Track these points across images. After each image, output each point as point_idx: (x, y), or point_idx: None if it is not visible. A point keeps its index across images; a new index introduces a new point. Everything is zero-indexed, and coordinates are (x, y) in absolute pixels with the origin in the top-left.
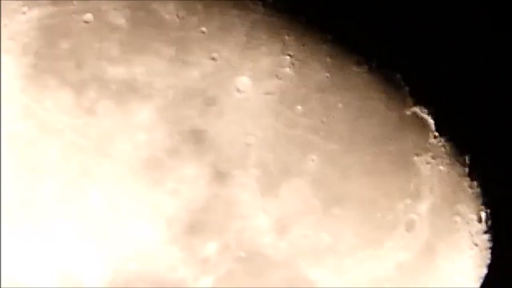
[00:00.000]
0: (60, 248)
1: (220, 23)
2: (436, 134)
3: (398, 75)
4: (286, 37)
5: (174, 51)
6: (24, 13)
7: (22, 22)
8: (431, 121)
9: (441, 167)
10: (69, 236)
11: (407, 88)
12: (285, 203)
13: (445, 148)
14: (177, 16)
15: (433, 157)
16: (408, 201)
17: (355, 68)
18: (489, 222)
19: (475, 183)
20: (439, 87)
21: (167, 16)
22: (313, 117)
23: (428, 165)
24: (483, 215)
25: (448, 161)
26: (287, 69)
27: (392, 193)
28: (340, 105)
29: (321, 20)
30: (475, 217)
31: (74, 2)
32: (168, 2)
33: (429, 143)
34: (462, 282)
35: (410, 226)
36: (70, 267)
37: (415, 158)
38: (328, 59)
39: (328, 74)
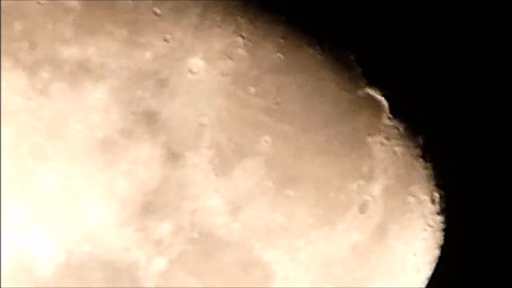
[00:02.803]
0: (12, 229)
1: (173, 4)
2: (390, 115)
3: (351, 56)
4: (239, 18)
5: (127, 32)
6: None
7: None
8: (384, 102)
9: (395, 148)
10: (22, 217)
11: (360, 69)
12: (238, 184)
13: (398, 129)
14: None
15: (387, 138)
16: (361, 182)
17: (308, 49)
18: (443, 204)
19: (428, 164)
20: (392, 69)
21: None
22: (266, 98)
23: (382, 146)
24: (436, 196)
25: (401, 142)
26: (240, 50)
27: (345, 174)
28: (293, 86)
29: (274, 1)
30: (428, 198)
31: None
32: None
33: (383, 124)
34: (415, 263)
35: (363, 207)
36: (23, 248)
37: (369, 139)
38: (281, 40)
39: (281, 55)
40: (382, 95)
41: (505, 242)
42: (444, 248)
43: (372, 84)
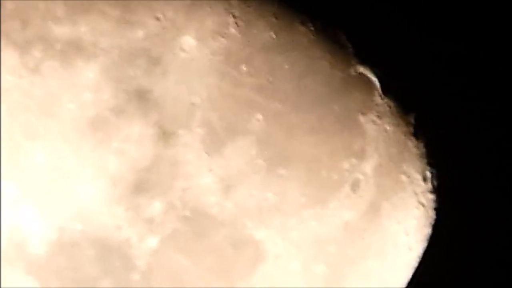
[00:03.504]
0: (4, 207)
1: None
2: (381, 93)
3: (343, 35)
4: None
5: (119, 11)
6: None
7: None
8: (376, 81)
9: (387, 127)
10: (14, 195)
11: (351, 48)
12: (230, 163)
13: (390, 108)
14: None
15: (379, 117)
16: (353, 160)
17: (300, 28)
18: (435, 182)
19: (420, 142)
20: (384, 47)
21: None
22: (258, 76)
23: (373, 125)
24: (428, 174)
25: (393, 120)
26: (232, 29)
27: (337, 152)
28: (285, 64)
29: None
30: (420, 176)
31: None
32: None
33: (375, 103)
34: (407, 241)
35: (355, 186)
36: (14, 226)
37: (360, 117)
38: (273, 19)
39: (273, 34)
40: (374, 74)
41: (497, 220)
42: (435, 227)
43: (364, 62)
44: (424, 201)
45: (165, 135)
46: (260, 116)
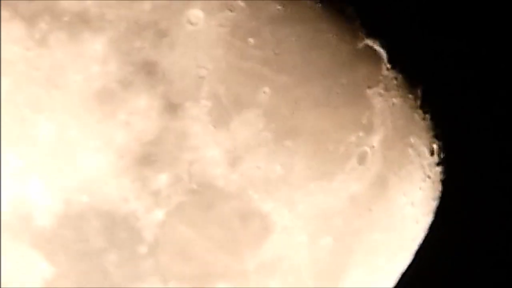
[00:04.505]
0: (10, 179)
1: None
2: (389, 66)
3: (350, 8)
4: None
5: None
6: None
7: None
8: (383, 54)
9: (394, 100)
10: (20, 167)
11: (359, 21)
12: (236, 135)
13: (397, 81)
14: None
15: (386, 90)
16: (360, 133)
17: (307, 1)
18: (441, 155)
19: (427, 115)
20: (391, 20)
21: None
22: (265, 49)
23: (381, 98)
24: (435, 147)
25: (400, 93)
26: (239, 1)
27: (344, 125)
28: (292, 37)
29: None
30: (427, 149)
31: None
32: None
33: (382, 76)
34: (413, 214)
35: (362, 159)
36: (20, 198)
37: (368, 90)
38: None
39: (280, 7)
40: (381, 47)
41: (503, 192)
42: (442, 199)
43: (371, 35)
44: (431, 173)
45: (172, 108)
46: (267, 89)
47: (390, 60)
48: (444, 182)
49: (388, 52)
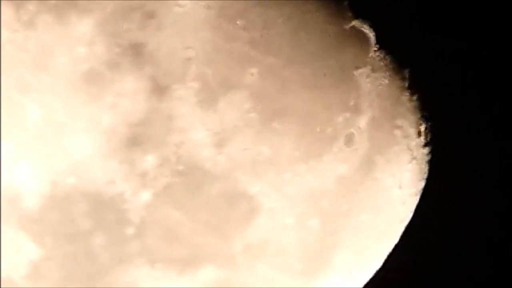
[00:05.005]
0: None
1: None
2: (376, 48)
3: None
4: None
5: None
6: None
7: None
8: (371, 35)
9: (381, 81)
10: (7, 149)
11: (346, 2)
12: (224, 117)
13: (384, 62)
14: None
15: (373, 71)
16: (348, 114)
17: None
18: (428, 136)
19: (414, 97)
20: (379, 1)
21: None
22: (252, 31)
23: (368, 79)
24: (422, 128)
25: (387, 75)
26: None
27: (332, 107)
28: (279, 19)
29: None
30: (414, 130)
31: None
32: None
33: (369, 57)
34: (400, 195)
35: (349, 140)
36: (8, 180)
37: (355, 72)
38: None
39: None
40: (369, 28)
41: (489, 175)
42: (428, 180)
43: (359, 17)
44: (417, 155)
45: (159, 89)
46: (254, 70)
47: (377, 42)
48: (430, 163)
49: (375, 34)
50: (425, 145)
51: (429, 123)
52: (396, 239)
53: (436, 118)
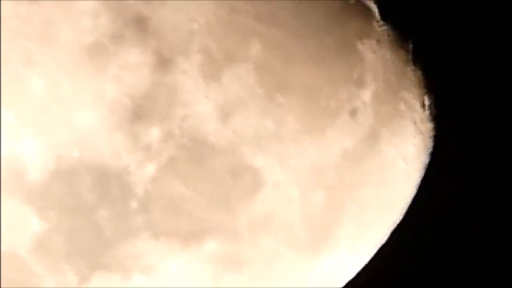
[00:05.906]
0: (2, 135)
1: None
2: (380, 21)
3: None
4: None
5: None
6: None
7: None
8: (374, 8)
9: (385, 54)
10: (11, 123)
11: None
12: (228, 90)
13: (389, 35)
14: None
15: (377, 44)
16: (352, 88)
17: None
18: (433, 109)
19: (418, 69)
20: None
21: None
22: (256, 4)
23: (372, 52)
24: (426, 102)
25: (392, 48)
26: None
27: (336, 80)
28: None
29: None
30: (418, 103)
31: None
32: None
33: (373, 31)
34: (405, 169)
35: (353, 113)
36: (13, 154)
37: (359, 45)
38: None
39: None
40: (373, 1)
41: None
42: (433, 155)
43: None
44: (422, 128)
45: (163, 62)
46: (258, 43)
47: (381, 15)
48: (435, 139)
49: (379, 7)
50: (430, 119)
51: (434, 97)
52: (401, 213)
53: (441, 91)
